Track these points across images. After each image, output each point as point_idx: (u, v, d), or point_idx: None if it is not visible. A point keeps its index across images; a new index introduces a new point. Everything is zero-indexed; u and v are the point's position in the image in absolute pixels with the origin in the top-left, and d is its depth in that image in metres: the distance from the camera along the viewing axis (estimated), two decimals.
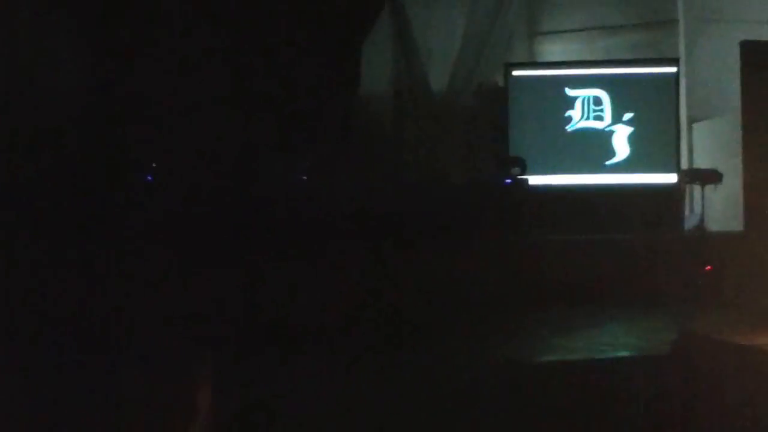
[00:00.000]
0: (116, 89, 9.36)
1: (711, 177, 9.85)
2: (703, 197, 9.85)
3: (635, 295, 8.58)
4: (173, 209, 8.49)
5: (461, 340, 7.32)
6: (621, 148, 10.39)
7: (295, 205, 8.94)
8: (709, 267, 8.87)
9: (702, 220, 9.80)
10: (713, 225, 9.86)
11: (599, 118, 10.43)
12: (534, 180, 9.69)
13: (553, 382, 6.03)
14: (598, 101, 10.42)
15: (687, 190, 10.58)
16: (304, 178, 9.80)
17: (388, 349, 6.95)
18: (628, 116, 10.39)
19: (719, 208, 9.88)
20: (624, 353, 6.74)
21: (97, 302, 7.51)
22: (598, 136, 10.41)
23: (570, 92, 10.45)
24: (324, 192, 9.35)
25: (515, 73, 10.63)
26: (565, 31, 11.39)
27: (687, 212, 10.55)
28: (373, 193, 9.49)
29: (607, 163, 10.38)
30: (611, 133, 10.40)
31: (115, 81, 9.37)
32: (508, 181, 9.58)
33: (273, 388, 5.80)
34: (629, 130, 10.38)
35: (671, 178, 10.29)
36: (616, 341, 7.14)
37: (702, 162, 10.58)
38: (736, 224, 9.23)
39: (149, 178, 9.00)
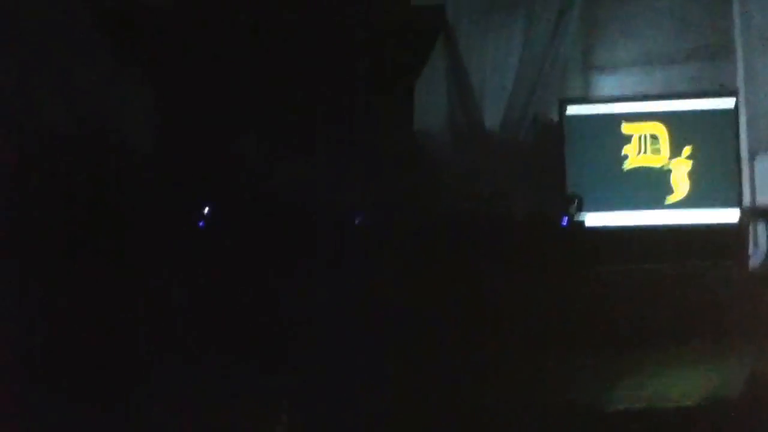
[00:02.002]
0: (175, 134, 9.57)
1: None
2: None
3: (700, 334, 8.35)
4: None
5: (518, 380, 7.16)
6: (680, 184, 10.15)
7: (350, 236, 8.94)
8: None
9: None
10: None
11: (657, 153, 10.21)
12: (592, 218, 9.52)
13: None
14: (655, 136, 10.21)
15: (751, 225, 10.29)
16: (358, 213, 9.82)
17: (444, 386, 6.89)
18: (686, 151, 10.15)
19: None
20: (694, 398, 6.53)
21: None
22: (656, 172, 10.18)
23: (627, 127, 10.26)
24: (380, 226, 9.32)
25: (570, 109, 10.46)
26: (621, 65, 11.18)
27: (751, 249, 10.25)
28: (428, 226, 9.44)
29: (667, 199, 10.13)
30: (670, 169, 10.16)
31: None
32: (566, 218, 9.44)
33: None
34: (688, 165, 10.14)
35: (733, 214, 10.01)
36: (687, 384, 6.93)
37: (766, 197, 10.29)
38: None
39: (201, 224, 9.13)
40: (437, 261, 8.89)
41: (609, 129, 10.25)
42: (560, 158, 10.27)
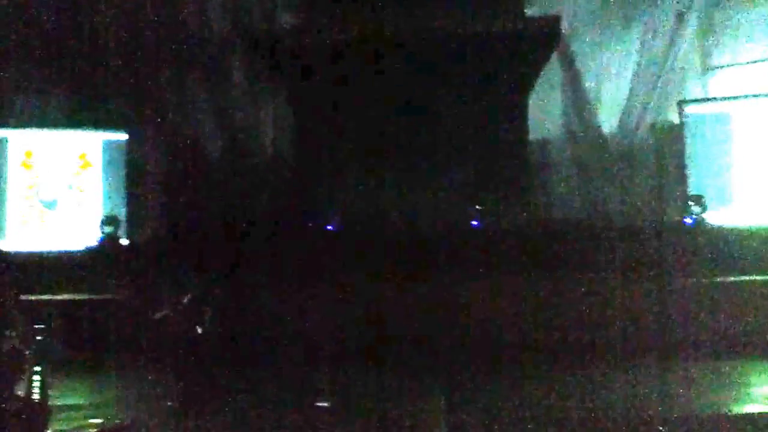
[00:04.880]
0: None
1: None
2: None
3: None
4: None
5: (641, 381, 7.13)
6: None
7: (467, 243, 9.04)
8: None
9: None
10: None
11: None
12: (717, 218, 9.38)
13: None
14: None
15: None
16: (476, 223, 9.93)
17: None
18: None
19: None
20: None
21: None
22: None
23: (749, 127, 10.07)
24: (497, 232, 9.42)
25: (690, 109, 10.35)
26: (742, 63, 11.00)
27: None
28: (543, 234, 9.47)
29: None
30: None
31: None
32: (690, 220, 9.32)
33: None
34: None
35: None
36: None
37: None
38: None
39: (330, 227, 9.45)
40: (556, 266, 8.90)
41: (731, 127, 10.08)
42: (681, 158, 10.14)
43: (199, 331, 5.93)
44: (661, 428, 5.76)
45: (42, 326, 5.66)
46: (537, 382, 7.06)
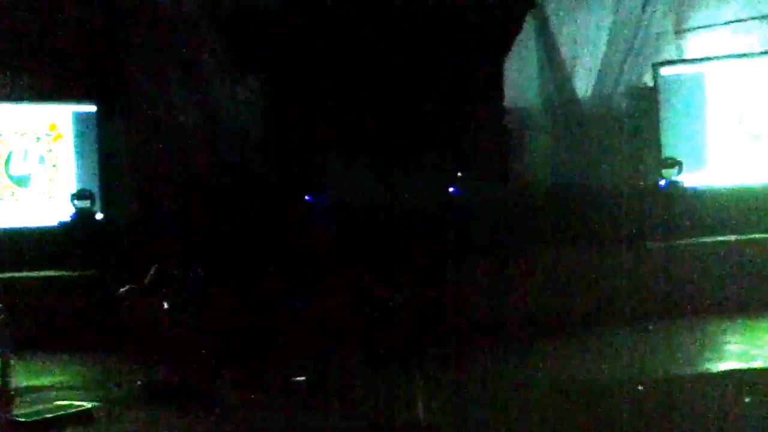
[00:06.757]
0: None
1: None
2: None
3: None
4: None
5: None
6: None
7: (446, 214, 9.00)
8: None
9: None
10: None
11: None
12: (691, 180, 9.36)
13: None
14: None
15: None
16: (452, 189, 9.90)
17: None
18: None
19: None
20: None
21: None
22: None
23: (723, 88, 10.01)
24: (473, 201, 9.36)
25: (664, 71, 10.28)
26: (716, 25, 10.91)
27: None
28: (521, 200, 9.45)
29: None
30: None
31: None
32: (664, 183, 9.32)
33: None
34: None
35: None
36: None
37: None
38: None
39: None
40: (537, 232, 8.90)
41: (705, 89, 10.02)
42: (656, 121, 10.09)
43: (165, 306, 5.89)
44: (640, 387, 5.74)
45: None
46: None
